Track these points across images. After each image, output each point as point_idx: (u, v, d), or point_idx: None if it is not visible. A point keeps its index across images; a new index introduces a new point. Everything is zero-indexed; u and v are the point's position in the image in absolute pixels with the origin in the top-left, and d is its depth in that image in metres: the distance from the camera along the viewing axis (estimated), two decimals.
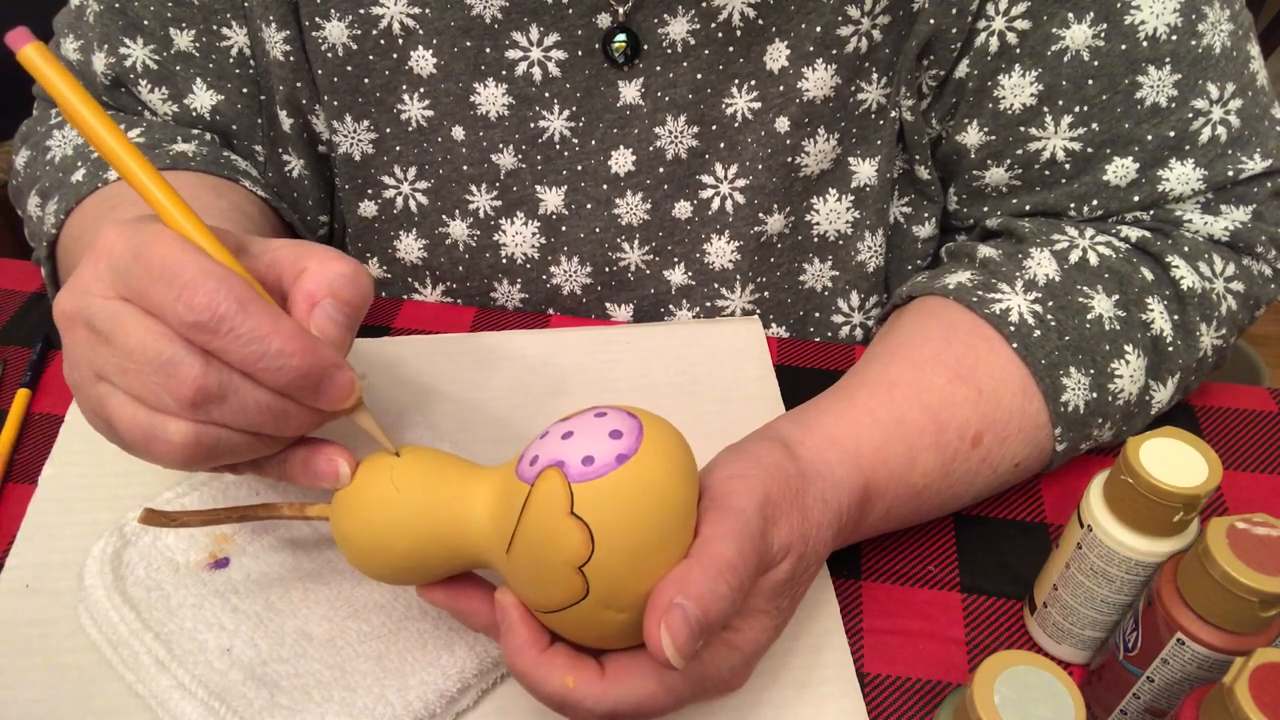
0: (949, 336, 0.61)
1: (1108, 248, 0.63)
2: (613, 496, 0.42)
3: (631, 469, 0.42)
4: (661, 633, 0.42)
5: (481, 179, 0.72)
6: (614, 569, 0.42)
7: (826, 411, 0.57)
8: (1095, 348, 0.60)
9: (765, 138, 0.68)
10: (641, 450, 0.43)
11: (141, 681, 0.50)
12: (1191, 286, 0.62)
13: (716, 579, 0.43)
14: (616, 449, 0.43)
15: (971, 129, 0.67)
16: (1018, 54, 0.64)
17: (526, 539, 0.43)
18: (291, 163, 0.75)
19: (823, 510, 0.51)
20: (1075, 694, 0.40)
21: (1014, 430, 0.59)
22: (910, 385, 0.58)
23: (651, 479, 0.43)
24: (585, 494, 0.42)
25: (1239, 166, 0.64)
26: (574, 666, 0.45)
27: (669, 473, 0.44)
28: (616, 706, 0.45)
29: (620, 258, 0.74)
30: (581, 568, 0.42)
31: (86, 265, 0.44)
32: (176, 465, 0.45)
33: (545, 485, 0.43)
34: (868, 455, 0.55)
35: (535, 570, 0.43)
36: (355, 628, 0.53)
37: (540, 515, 0.43)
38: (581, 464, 0.42)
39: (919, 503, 0.58)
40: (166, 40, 0.70)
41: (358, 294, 0.46)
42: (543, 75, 0.67)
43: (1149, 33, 0.62)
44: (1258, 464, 0.67)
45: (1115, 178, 0.65)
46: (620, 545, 0.42)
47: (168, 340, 0.42)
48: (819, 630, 0.56)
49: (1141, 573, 0.50)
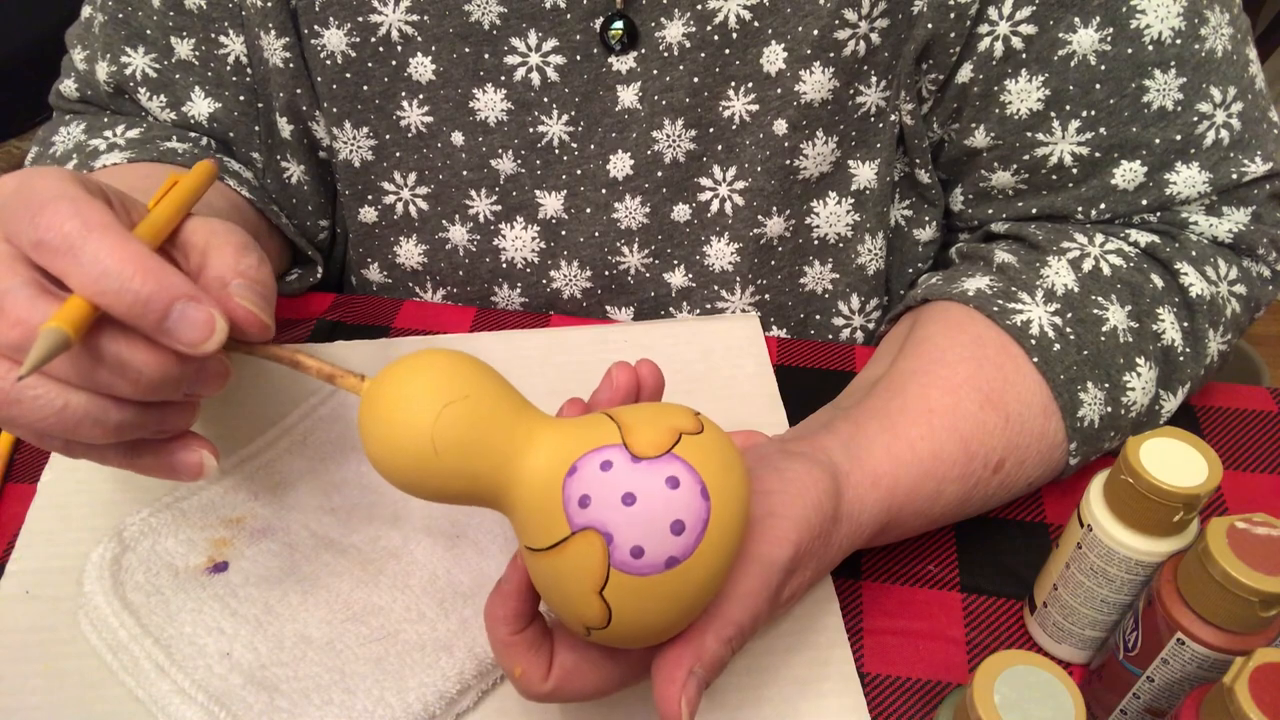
0: (979, 356, 0.60)
1: (1118, 256, 0.63)
2: (643, 598, 0.40)
3: (677, 577, 0.40)
4: (682, 705, 0.43)
5: (481, 184, 0.72)
6: (622, 640, 0.42)
7: (874, 441, 0.56)
8: (1110, 361, 0.60)
9: (763, 140, 0.68)
10: (695, 557, 0.40)
11: (141, 686, 0.51)
12: (1200, 294, 0.63)
13: (725, 645, 0.44)
14: (670, 549, 0.40)
15: (978, 133, 0.67)
16: (1024, 59, 0.63)
17: (547, 574, 0.41)
18: (291, 169, 0.75)
19: (839, 550, 0.52)
20: (1075, 694, 0.40)
21: (1033, 454, 0.59)
22: (948, 413, 0.57)
23: (694, 589, 0.41)
24: (620, 582, 0.39)
25: (1241, 169, 0.64)
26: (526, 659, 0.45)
27: (714, 579, 0.41)
28: (552, 696, 0.46)
29: (620, 261, 0.74)
30: (591, 629, 0.41)
31: None
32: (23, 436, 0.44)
33: (583, 552, 0.40)
34: (901, 495, 0.55)
35: (545, 593, 0.43)
36: (354, 630, 0.53)
37: (569, 573, 0.40)
38: (630, 555, 0.39)
39: (932, 523, 0.58)
40: (167, 49, 0.70)
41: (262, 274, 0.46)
42: (541, 80, 0.68)
43: (1154, 36, 0.61)
44: (1258, 464, 0.66)
45: (1123, 181, 0.65)
46: (636, 633, 0.41)
47: (11, 272, 0.41)
48: (819, 629, 0.56)
49: (1141, 573, 0.50)
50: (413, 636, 0.53)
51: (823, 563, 0.51)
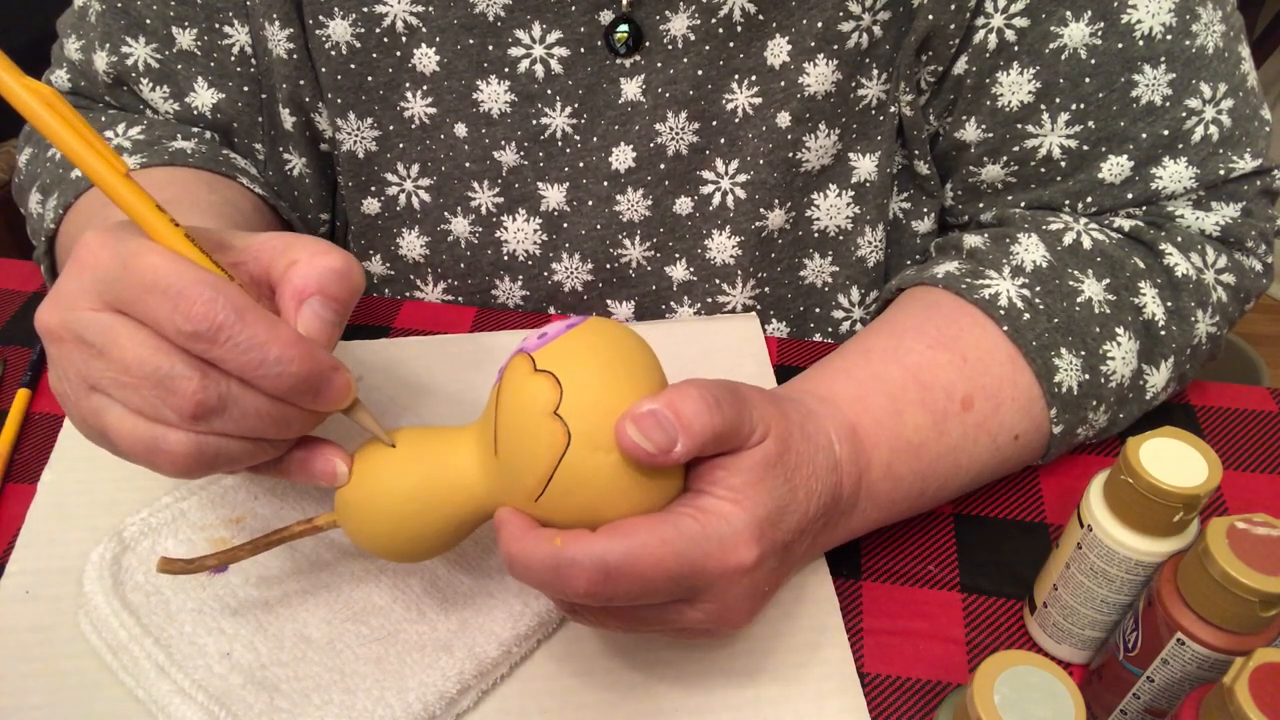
0: (929, 314, 0.61)
1: (1100, 234, 0.64)
2: (569, 347, 0.46)
3: (584, 328, 0.47)
4: (626, 423, 0.43)
5: (483, 176, 0.72)
6: (587, 403, 0.44)
7: (806, 377, 0.58)
8: (1085, 330, 0.60)
9: (766, 133, 0.68)
10: (589, 320, 0.47)
11: (141, 686, 0.51)
12: (1186, 273, 0.63)
13: (689, 391, 0.45)
14: (566, 324, 0.47)
15: (969, 126, 0.67)
16: (1016, 51, 0.64)
17: (504, 423, 0.45)
18: (292, 161, 0.75)
19: (803, 418, 0.51)
20: (1075, 694, 0.40)
21: (1007, 398, 0.59)
22: (889, 351, 0.59)
23: (603, 331, 0.47)
24: (544, 355, 0.45)
25: (1230, 166, 0.64)
26: (562, 533, 0.45)
27: (620, 329, 0.48)
28: (606, 555, 0.43)
29: (621, 254, 0.73)
30: (556, 411, 0.44)
31: (69, 277, 0.44)
32: (178, 475, 0.45)
33: (509, 368, 0.46)
34: (846, 402, 0.55)
35: (520, 444, 0.45)
36: (354, 630, 0.53)
37: (509, 392, 0.46)
38: (537, 339, 0.46)
39: (919, 460, 0.57)
40: (168, 39, 0.70)
41: (346, 289, 0.46)
42: (545, 72, 0.67)
43: (1145, 32, 0.62)
44: (1258, 464, 0.66)
45: (1110, 175, 0.65)
46: (587, 382, 0.44)
47: (165, 354, 0.42)
48: (819, 628, 0.56)
49: (1141, 573, 0.50)
50: (413, 636, 0.53)
51: (790, 420, 0.50)
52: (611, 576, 0.43)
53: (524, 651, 0.54)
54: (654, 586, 0.44)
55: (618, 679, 0.54)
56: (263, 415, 0.44)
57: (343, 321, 0.47)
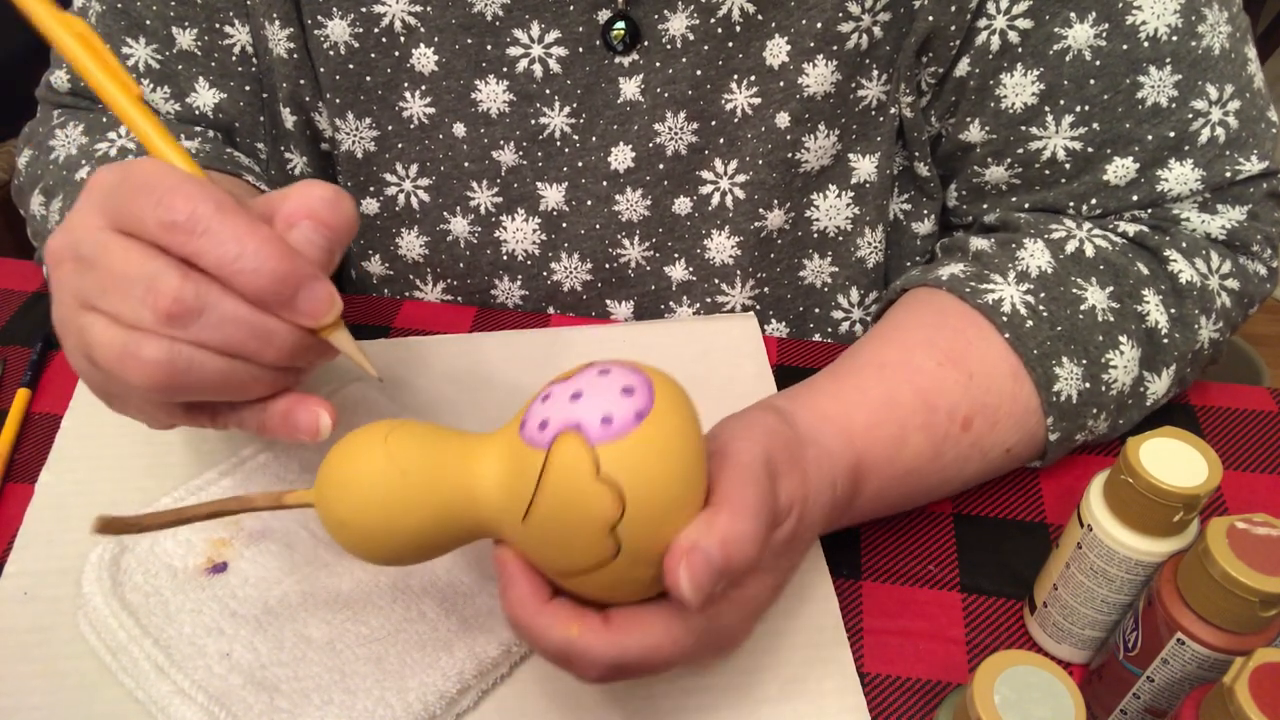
0: (939, 323, 0.61)
1: (1104, 240, 0.64)
2: (638, 454, 0.41)
3: (652, 425, 0.42)
4: (680, 570, 0.41)
5: (482, 176, 0.71)
6: (644, 526, 0.42)
7: (818, 390, 0.58)
8: (1088, 338, 0.60)
9: (765, 133, 0.68)
10: (657, 405, 0.42)
11: (141, 687, 0.50)
12: (1190, 280, 0.63)
13: (740, 522, 0.43)
14: (633, 406, 0.42)
15: (973, 127, 0.67)
16: (1019, 53, 0.63)
17: (549, 505, 0.42)
18: (294, 160, 0.75)
19: (819, 475, 0.51)
20: (1075, 694, 0.40)
21: (1004, 415, 0.59)
22: (900, 366, 0.59)
23: (671, 432, 0.42)
24: (610, 455, 0.41)
25: (1236, 168, 0.64)
26: (578, 617, 0.44)
27: (687, 424, 0.43)
28: (622, 655, 0.43)
29: (620, 254, 0.73)
30: (613, 529, 0.41)
31: (78, 205, 0.45)
32: (151, 389, 0.44)
33: (566, 450, 0.41)
34: (859, 432, 0.55)
35: (560, 535, 0.42)
36: (354, 630, 0.53)
37: (564, 480, 0.41)
38: (601, 425, 0.41)
39: (910, 485, 0.58)
40: (169, 39, 0.70)
41: (335, 215, 0.46)
42: (543, 72, 0.67)
43: (1150, 33, 0.61)
44: (1258, 464, 0.66)
45: (1115, 177, 0.65)
46: (649, 502, 0.41)
47: (150, 257, 0.43)
48: (819, 628, 0.56)
49: (1141, 573, 0.50)
50: (413, 636, 0.53)
51: (809, 484, 0.50)
52: (624, 671, 0.44)
53: (524, 651, 0.54)
54: (660, 673, 0.46)
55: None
56: (240, 323, 0.43)
57: (333, 250, 0.46)
